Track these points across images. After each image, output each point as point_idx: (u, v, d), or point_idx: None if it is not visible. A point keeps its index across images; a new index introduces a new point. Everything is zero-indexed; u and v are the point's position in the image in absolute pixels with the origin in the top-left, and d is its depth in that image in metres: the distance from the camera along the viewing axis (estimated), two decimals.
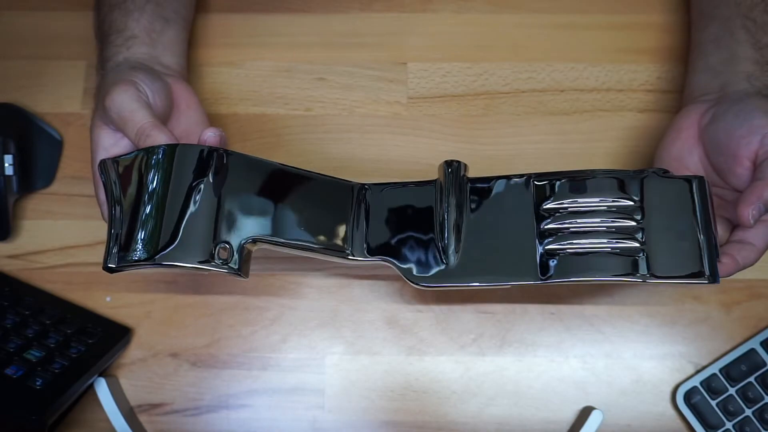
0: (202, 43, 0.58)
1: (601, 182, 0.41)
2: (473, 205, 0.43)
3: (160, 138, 0.41)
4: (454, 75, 0.57)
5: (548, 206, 0.41)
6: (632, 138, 0.55)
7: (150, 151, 0.40)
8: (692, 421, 0.50)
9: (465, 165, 0.44)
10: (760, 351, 0.50)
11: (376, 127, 0.56)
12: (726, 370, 0.50)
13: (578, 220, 0.41)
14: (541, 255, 0.41)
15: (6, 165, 0.52)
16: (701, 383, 0.50)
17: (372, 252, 0.43)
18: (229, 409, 0.51)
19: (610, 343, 0.52)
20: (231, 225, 0.40)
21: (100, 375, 0.50)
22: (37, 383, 0.45)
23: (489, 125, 0.56)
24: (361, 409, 0.51)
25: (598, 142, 0.55)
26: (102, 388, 0.49)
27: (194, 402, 0.51)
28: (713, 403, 0.50)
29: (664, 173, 0.41)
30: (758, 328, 0.51)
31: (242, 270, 0.40)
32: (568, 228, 0.41)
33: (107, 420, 0.48)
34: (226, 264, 0.39)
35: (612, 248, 0.40)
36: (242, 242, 0.40)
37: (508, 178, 0.43)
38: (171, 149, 0.40)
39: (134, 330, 0.52)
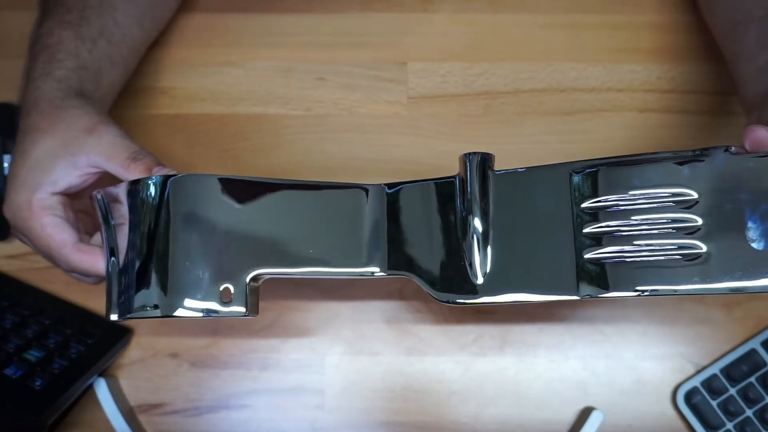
0: (202, 43, 0.58)
1: (651, 170, 0.34)
2: (501, 203, 0.37)
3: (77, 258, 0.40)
4: (454, 75, 0.57)
5: (588, 204, 0.35)
6: (632, 138, 0.55)
7: (137, 187, 0.37)
8: (693, 422, 0.50)
9: (491, 156, 0.38)
10: (761, 351, 0.50)
11: (376, 127, 0.56)
12: (726, 371, 0.50)
13: (624, 221, 0.34)
14: (581, 264, 0.35)
15: (5, 165, 0.52)
16: (702, 383, 0.50)
17: (393, 265, 0.38)
18: (229, 409, 0.51)
19: (610, 344, 0.52)
20: (233, 262, 0.37)
21: (100, 375, 0.50)
22: (37, 383, 0.45)
23: (489, 125, 0.56)
24: (361, 409, 0.51)
25: (598, 142, 0.55)
26: (102, 389, 0.49)
27: (194, 402, 0.51)
28: (714, 403, 0.50)
29: (734, 150, 0.34)
30: (759, 328, 0.51)
31: (250, 310, 0.37)
32: (611, 231, 0.35)
33: (107, 420, 0.48)
34: (232, 307, 0.36)
35: (669, 254, 0.34)
36: (247, 280, 0.37)
37: (540, 168, 0.38)
38: (148, 184, 0.37)
39: (134, 330, 0.52)
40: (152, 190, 0.37)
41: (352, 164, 0.55)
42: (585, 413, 0.50)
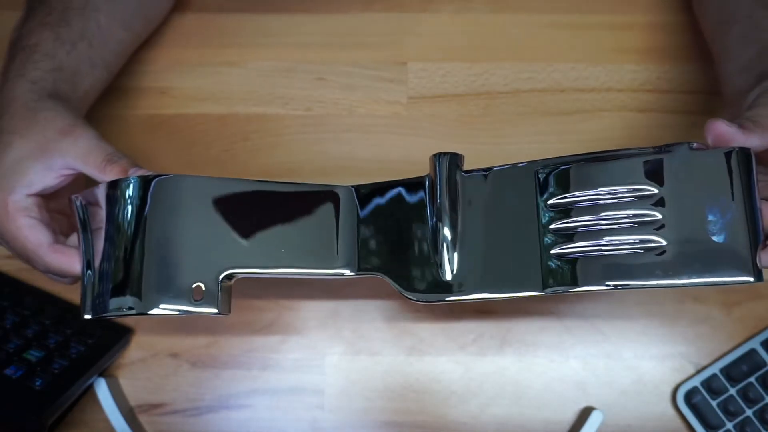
0: (202, 43, 0.58)
1: (615, 167, 0.35)
2: (469, 203, 0.38)
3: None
4: (454, 75, 0.57)
5: (553, 201, 0.36)
6: (632, 138, 0.55)
7: (115, 190, 0.38)
8: (692, 422, 0.50)
9: (460, 156, 0.40)
10: (761, 351, 0.50)
11: (376, 127, 0.56)
12: (726, 371, 0.50)
13: (587, 218, 0.35)
14: (547, 261, 0.36)
15: None
16: (702, 383, 0.50)
17: (364, 266, 0.39)
18: (229, 409, 0.51)
19: (610, 344, 0.52)
20: (205, 261, 0.37)
21: (100, 375, 0.50)
22: (37, 383, 0.45)
23: (489, 125, 0.56)
24: (361, 409, 0.51)
25: (598, 142, 0.55)
26: (102, 388, 0.49)
27: (194, 402, 0.51)
28: (714, 403, 0.50)
29: (696, 147, 0.35)
30: (759, 328, 0.51)
31: (221, 309, 0.37)
32: (576, 227, 0.36)
33: (107, 420, 0.48)
34: (203, 305, 0.36)
35: (630, 249, 0.34)
36: (218, 278, 0.37)
37: (507, 168, 0.39)
38: (124, 186, 0.37)
39: (134, 330, 0.52)
40: (128, 191, 0.37)
41: (351, 164, 0.55)
42: (585, 413, 0.50)
